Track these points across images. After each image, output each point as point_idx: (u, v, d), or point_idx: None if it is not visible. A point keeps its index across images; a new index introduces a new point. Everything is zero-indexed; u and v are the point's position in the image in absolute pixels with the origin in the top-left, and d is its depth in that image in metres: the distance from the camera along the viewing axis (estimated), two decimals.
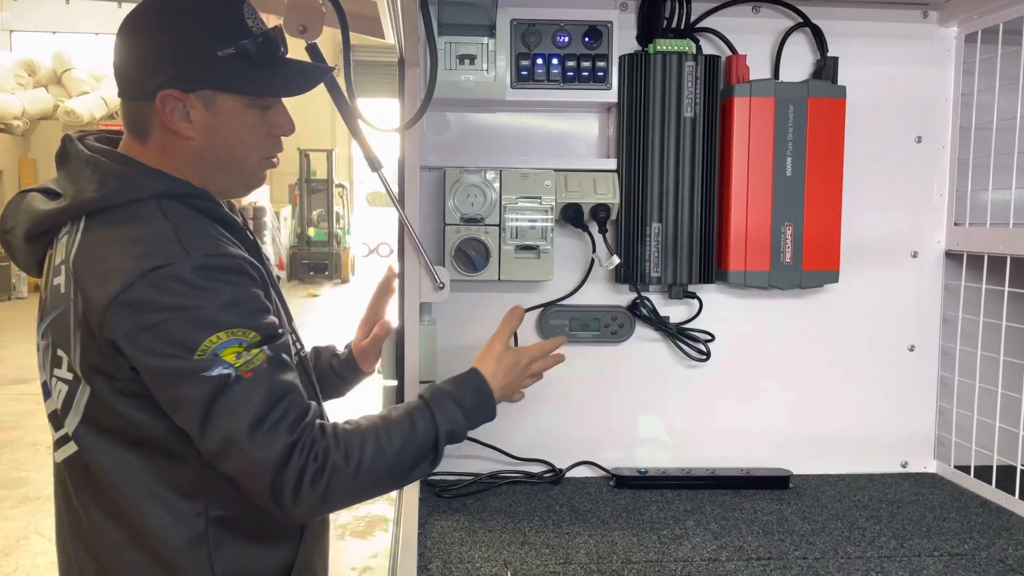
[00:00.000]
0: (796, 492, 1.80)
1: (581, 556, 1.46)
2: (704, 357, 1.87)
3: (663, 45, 1.74)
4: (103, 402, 1.21)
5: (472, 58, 1.73)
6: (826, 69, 1.81)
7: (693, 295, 1.85)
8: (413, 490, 1.69)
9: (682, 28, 1.78)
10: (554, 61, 1.74)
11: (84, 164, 1.25)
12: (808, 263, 1.79)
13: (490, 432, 1.85)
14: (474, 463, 1.86)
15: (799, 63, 1.85)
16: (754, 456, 1.90)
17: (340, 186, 17.20)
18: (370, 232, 20.14)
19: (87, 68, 15.69)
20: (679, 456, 1.91)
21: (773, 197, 1.77)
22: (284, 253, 16.66)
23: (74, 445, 1.26)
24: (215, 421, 1.16)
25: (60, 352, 1.24)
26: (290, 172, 17.72)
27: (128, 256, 1.16)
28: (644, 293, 1.85)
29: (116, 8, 17.47)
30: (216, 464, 1.21)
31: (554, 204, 1.76)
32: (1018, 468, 1.70)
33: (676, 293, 1.83)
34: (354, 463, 1.23)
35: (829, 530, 1.59)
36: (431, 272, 1.67)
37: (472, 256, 1.75)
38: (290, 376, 1.22)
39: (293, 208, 16.97)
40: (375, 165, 1.56)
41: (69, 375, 1.24)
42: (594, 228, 1.79)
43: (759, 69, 1.82)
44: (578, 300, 1.85)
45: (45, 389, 1.31)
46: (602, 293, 1.87)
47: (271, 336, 1.21)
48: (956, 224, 1.88)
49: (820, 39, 1.83)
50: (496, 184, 1.76)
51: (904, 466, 1.96)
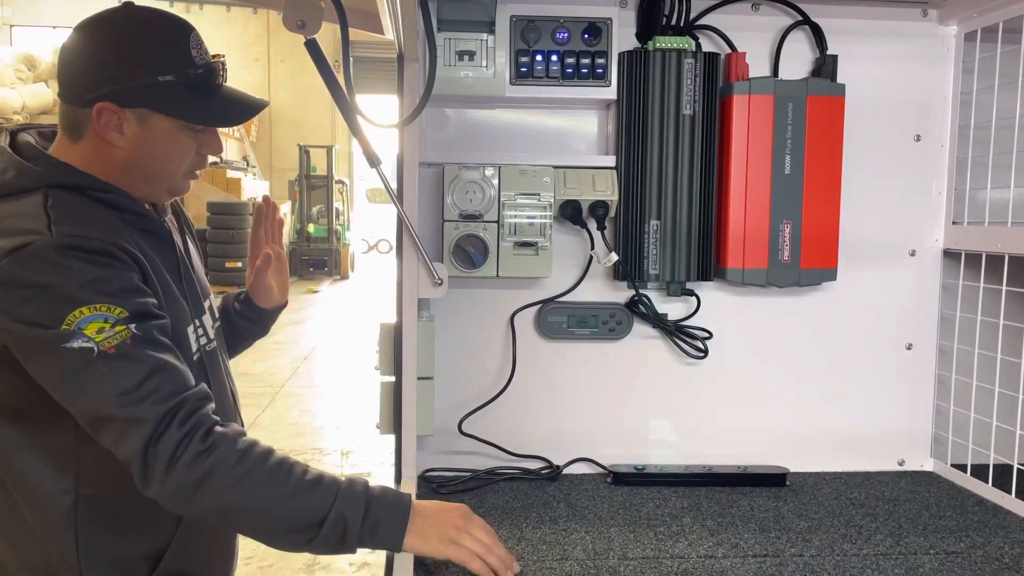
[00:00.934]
0: (793, 489, 1.80)
1: (578, 552, 1.46)
2: (702, 355, 1.87)
3: (662, 42, 1.74)
4: None
5: (471, 54, 1.73)
6: (825, 67, 1.81)
7: (691, 292, 1.85)
8: (411, 486, 1.69)
9: (682, 25, 1.78)
10: (553, 58, 1.74)
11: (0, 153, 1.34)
12: (806, 261, 1.79)
13: (487, 429, 1.85)
14: (471, 459, 1.86)
15: (798, 61, 1.85)
16: (751, 453, 1.90)
17: (340, 182, 17.19)
18: (370, 229, 20.15)
19: None
20: (676, 453, 1.91)
21: (772, 195, 1.77)
22: (284, 249, 16.64)
23: None
24: (82, 395, 1.19)
25: None
26: (290, 168, 17.72)
27: (1, 241, 1.21)
28: (642, 290, 1.85)
29: (115, 4, 17.47)
30: (96, 438, 1.23)
31: (553, 201, 1.76)
32: (1015, 466, 1.70)
33: (674, 290, 1.83)
34: (242, 470, 1.20)
35: (826, 527, 1.59)
36: (429, 268, 1.66)
37: (471, 252, 1.75)
38: (164, 355, 1.23)
39: (293, 204, 16.95)
40: (374, 161, 1.55)
41: None
42: (593, 225, 1.79)
43: (758, 67, 1.82)
44: (576, 297, 1.86)
45: None
46: (600, 290, 1.87)
47: (141, 314, 1.23)
48: (954, 223, 1.88)
49: (820, 37, 1.82)
50: (495, 180, 1.76)
51: (901, 464, 1.96)
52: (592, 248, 1.82)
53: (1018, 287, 1.71)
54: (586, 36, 1.75)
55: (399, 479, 1.74)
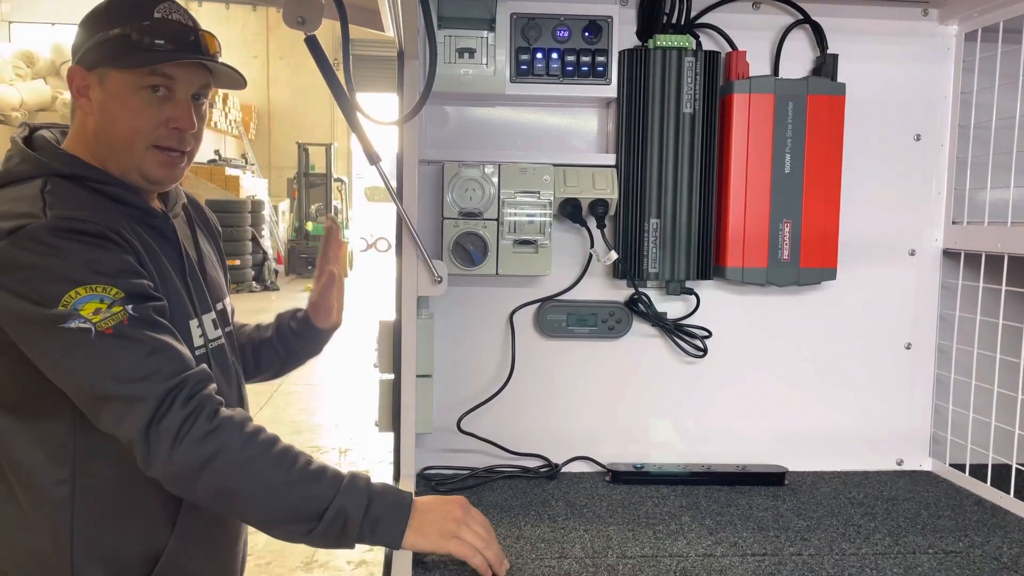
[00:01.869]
0: (792, 489, 1.80)
1: (577, 551, 1.46)
2: (701, 353, 1.87)
3: (663, 41, 1.74)
4: None
5: (472, 52, 1.72)
6: (826, 66, 1.81)
7: (691, 291, 1.85)
8: (409, 484, 1.69)
9: (682, 24, 1.78)
10: (554, 56, 1.74)
11: (11, 144, 1.37)
12: (806, 260, 1.79)
13: (486, 427, 1.85)
14: (470, 457, 1.86)
15: (799, 60, 1.84)
16: (750, 452, 1.90)
17: (339, 180, 17.17)
18: (369, 227, 20.14)
19: None
20: (675, 452, 1.91)
21: (771, 194, 1.77)
22: (282, 247, 16.64)
23: None
24: (80, 376, 1.19)
25: None
26: (289, 166, 17.71)
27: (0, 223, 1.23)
28: (642, 289, 1.85)
29: None
30: (95, 421, 1.22)
31: (552, 199, 1.76)
32: (1013, 466, 1.70)
33: (674, 289, 1.83)
34: (247, 454, 1.19)
35: (824, 527, 1.59)
36: (429, 266, 1.66)
37: (470, 250, 1.75)
38: (163, 336, 1.23)
39: (291, 202, 16.94)
40: (374, 159, 1.55)
41: None
42: (592, 223, 1.79)
43: (759, 65, 1.82)
44: (576, 295, 1.85)
45: None
46: (600, 288, 1.87)
47: (138, 295, 1.23)
48: (954, 222, 1.88)
49: (820, 36, 1.82)
50: (495, 178, 1.75)
51: (900, 463, 1.96)
52: (592, 246, 1.82)
53: (1017, 287, 1.71)
54: (586, 34, 1.75)
55: (398, 477, 1.74)
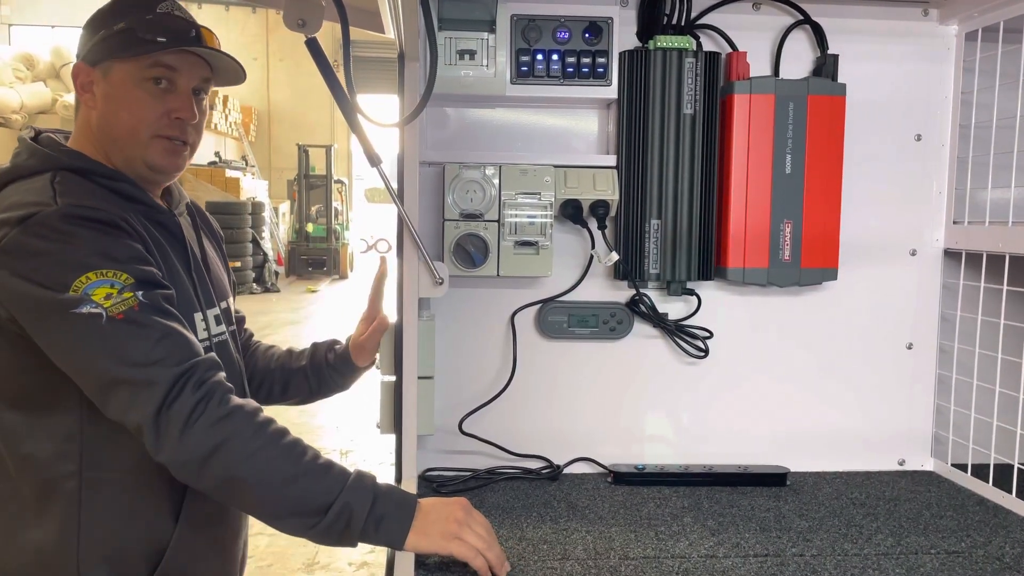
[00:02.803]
0: (793, 489, 1.80)
1: (579, 552, 1.46)
2: (702, 354, 1.87)
3: (663, 41, 1.74)
4: None
5: (472, 53, 1.73)
6: (826, 67, 1.81)
7: (692, 292, 1.85)
8: (411, 485, 1.69)
9: (682, 25, 1.78)
10: (554, 57, 1.74)
11: (18, 143, 1.39)
12: (807, 261, 1.79)
13: (488, 428, 1.85)
14: (472, 459, 1.86)
15: (799, 60, 1.85)
16: (752, 453, 1.90)
17: (339, 182, 17.18)
18: (369, 228, 20.15)
19: None
20: (677, 453, 1.91)
21: (772, 194, 1.77)
22: (283, 249, 16.65)
23: None
24: (90, 361, 1.19)
25: None
26: (289, 168, 17.72)
27: (10, 212, 1.24)
28: (643, 290, 1.85)
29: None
30: (103, 408, 1.22)
31: (553, 200, 1.76)
32: (1015, 466, 1.70)
33: (675, 290, 1.83)
34: (257, 443, 1.19)
35: (826, 527, 1.59)
36: (430, 268, 1.66)
37: (471, 252, 1.75)
38: (172, 323, 1.24)
39: (292, 204, 16.96)
40: (374, 160, 1.55)
41: None
42: (593, 224, 1.79)
43: (759, 66, 1.82)
44: (577, 296, 1.85)
45: None
46: (601, 289, 1.87)
47: (148, 282, 1.24)
48: (955, 222, 1.88)
49: (820, 37, 1.82)
50: (495, 180, 1.75)
51: (901, 464, 1.96)
52: (593, 247, 1.82)
53: (1019, 287, 1.71)
54: (587, 35, 1.75)
55: (399, 479, 1.73)
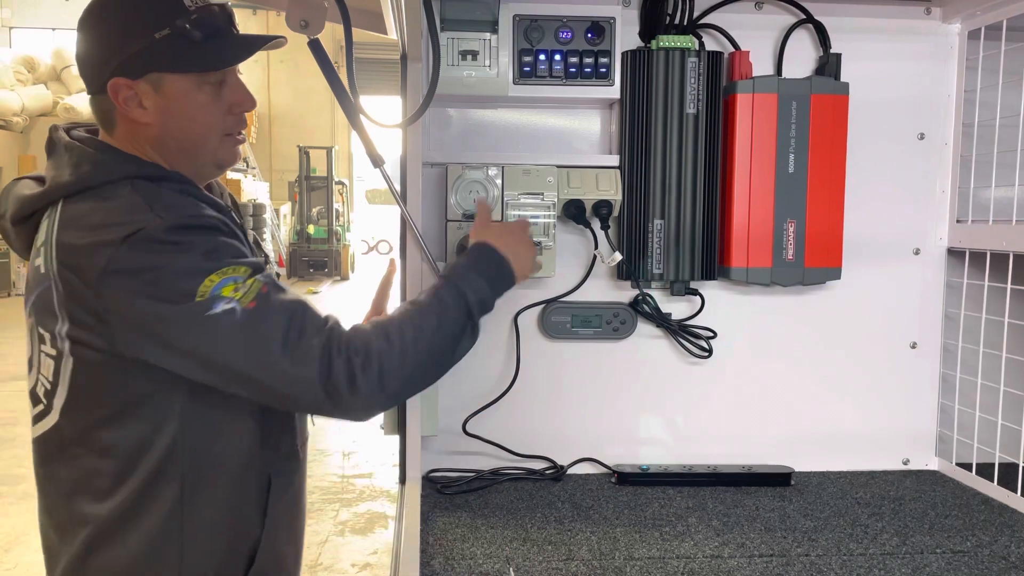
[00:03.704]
0: (798, 489, 1.80)
1: (583, 553, 1.46)
2: (706, 354, 1.87)
3: (666, 41, 1.74)
4: (88, 374, 1.25)
5: (475, 54, 1.72)
6: (829, 66, 1.80)
7: (695, 292, 1.85)
8: (415, 487, 1.69)
9: (685, 24, 1.78)
10: (557, 57, 1.74)
11: (64, 151, 1.30)
12: (810, 260, 1.79)
13: (492, 429, 1.85)
14: (476, 460, 1.86)
15: (802, 59, 1.84)
16: (756, 453, 1.90)
17: (340, 183, 17.18)
18: (370, 229, 20.15)
19: None
20: (681, 453, 1.91)
21: (775, 194, 1.77)
22: (284, 250, 16.65)
23: (52, 419, 1.30)
24: (241, 357, 1.18)
25: (43, 330, 1.28)
26: (290, 169, 17.72)
27: (107, 231, 1.19)
28: (646, 290, 1.85)
29: None
30: (262, 399, 1.25)
31: (556, 200, 1.76)
32: (1020, 465, 1.70)
33: (678, 290, 1.82)
34: (398, 347, 1.26)
35: (831, 527, 1.59)
36: (433, 268, 1.66)
37: None
38: (292, 296, 1.25)
39: (293, 205, 16.95)
40: (377, 161, 1.55)
41: (53, 351, 1.27)
42: (596, 224, 1.79)
43: (762, 65, 1.82)
44: (580, 296, 1.85)
45: (30, 365, 1.36)
46: (604, 289, 1.87)
47: (259, 268, 1.24)
48: (959, 221, 1.87)
49: (823, 36, 1.82)
50: (498, 180, 1.75)
51: (906, 463, 1.95)
52: (596, 248, 1.81)
53: (1023, 285, 1.71)
54: (589, 35, 1.74)
55: (404, 480, 1.74)
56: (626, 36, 1.78)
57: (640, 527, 1.58)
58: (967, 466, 1.86)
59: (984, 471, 1.81)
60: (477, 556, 1.45)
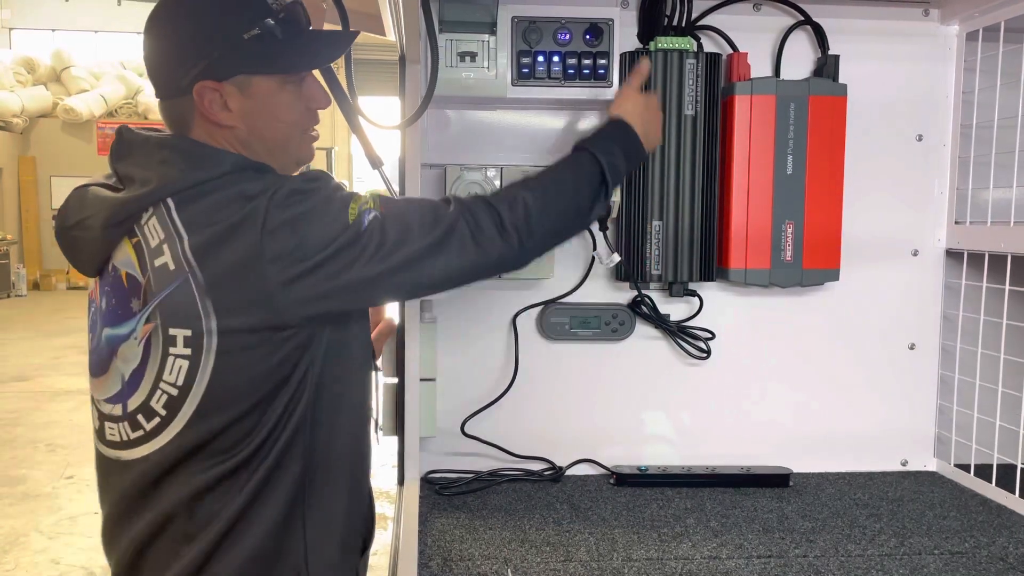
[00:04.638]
0: (796, 490, 1.80)
1: (582, 554, 1.46)
2: (704, 355, 1.87)
3: (664, 43, 1.74)
4: (232, 366, 1.23)
5: (473, 55, 1.73)
6: (827, 67, 1.81)
7: (694, 293, 1.85)
8: (413, 488, 1.69)
9: (683, 26, 1.78)
10: (555, 59, 1.74)
11: (158, 148, 1.28)
12: (809, 261, 1.79)
13: (490, 430, 1.85)
14: (474, 461, 1.86)
15: (800, 61, 1.85)
16: (754, 454, 1.90)
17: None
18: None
19: (86, 66, 15.68)
20: (679, 454, 1.91)
21: (774, 195, 1.77)
22: None
23: (172, 431, 1.26)
24: (399, 249, 1.24)
25: (174, 330, 1.23)
26: None
27: (243, 205, 1.20)
28: (645, 291, 1.85)
29: (115, 6, 17.42)
30: (424, 279, 1.28)
31: None
32: (1018, 466, 1.70)
33: (677, 291, 1.83)
34: (539, 192, 1.33)
35: (829, 528, 1.59)
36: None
37: None
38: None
39: None
40: (376, 162, 1.55)
41: (187, 350, 1.23)
42: (595, 226, 1.79)
43: (760, 67, 1.82)
44: (579, 298, 1.85)
45: (135, 380, 1.29)
46: (603, 291, 1.87)
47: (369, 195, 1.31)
48: (957, 222, 1.88)
49: (821, 37, 1.82)
50: (497, 182, 1.76)
51: (904, 464, 1.96)
52: (594, 249, 1.82)
53: (1021, 286, 1.71)
54: (587, 37, 1.75)
55: (402, 481, 1.74)
56: (624, 37, 1.78)
57: (638, 528, 1.58)
58: (965, 467, 1.86)
59: (982, 472, 1.81)
60: (475, 557, 1.45)
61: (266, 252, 1.18)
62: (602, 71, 1.75)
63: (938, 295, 1.93)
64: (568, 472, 1.87)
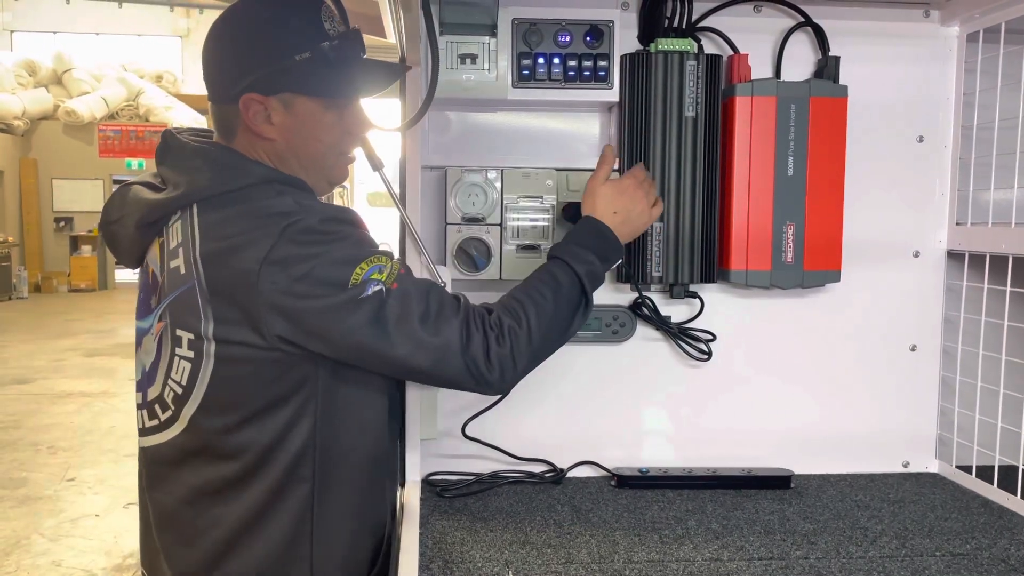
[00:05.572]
0: (798, 492, 1.80)
1: (583, 556, 1.46)
2: (706, 357, 1.87)
3: (664, 44, 1.74)
4: (230, 374, 1.26)
5: (473, 57, 1.73)
6: (828, 68, 1.81)
7: (695, 295, 1.85)
8: (414, 490, 1.69)
9: (683, 27, 1.78)
10: (555, 60, 1.74)
11: (193, 155, 1.32)
12: (810, 263, 1.79)
13: (491, 432, 1.85)
14: (475, 463, 1.86)
15: (801, 62, 1.85)
16: (755, 456, 1.90)
17: (341, 187, 17.20)
18: (370, 232, 20.15)
19: (87, 68, 15.71)
20: (680, 456, 1.91)
21: (775, 196, 1.77)
22: None
23: (180, 426, 1.30)
24: (391, 332, 1.24)
25: (180, 331, 1.28)
26: None
27: (259, 224, 1.23)
28: (645, 292, 1.85)
29: (116, 8, 17.46)
30: (406, 376, 1.31)
31: (555, 203, 1.76)
32: (1020, 468, 1.69)
33: (678, 292, 1.83)
34: (525, 325, 1.34)
35: (831, 530, 1.59)
36: (433, 272, 1.66)
37: (474, 255, 1.75)
38: (424, 278, 1.32)
39: None
40: (376, 165, 1.56)
41: (191, 352, 1.27)
42: None
43: (761, 68, 1.82)
44: None
45: (153, 372, 1.34)
46: (603, 292, 1.86)
47: (394, 257, 1.31)
48: (958, 224, 1.88)
49: (822, 38, 1.82)
50: (497, 183, 1.76)
51: (906, 466, 1.95)
52: None
53: (1022, 288, 1.71)
54: (588, 39, 1.75)
55: (403, 483, 1.74)
56: (625, 39, 1.78)
57: (639, 530, 1.58)
58: (967, 469, 1.86)
59: (984, 474, 1.81)
60: (476, 559, 1.45)
61: (262, 279, 1.20)
62: (603, 73, 1.75)
63: (939, 296, 1.93)
64: (569, 474, 1.87)
